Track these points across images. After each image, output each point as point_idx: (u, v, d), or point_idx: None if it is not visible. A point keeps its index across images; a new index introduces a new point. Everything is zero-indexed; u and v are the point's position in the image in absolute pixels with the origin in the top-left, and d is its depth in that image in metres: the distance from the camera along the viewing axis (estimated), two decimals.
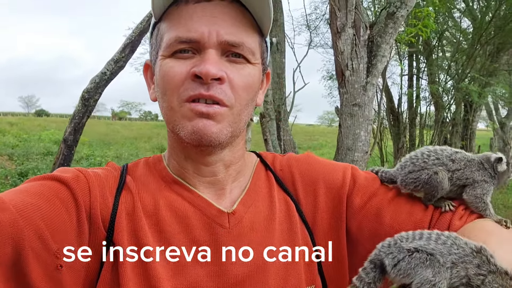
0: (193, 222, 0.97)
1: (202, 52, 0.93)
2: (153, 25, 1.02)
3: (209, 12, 0.93)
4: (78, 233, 0.88)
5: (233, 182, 1.05)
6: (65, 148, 3.80)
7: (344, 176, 1.10)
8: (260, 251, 0.98)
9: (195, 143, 0.94)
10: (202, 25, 0.92)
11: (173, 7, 0.95)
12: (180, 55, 0.94)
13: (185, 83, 0.92)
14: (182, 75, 0.92)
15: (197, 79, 0.91)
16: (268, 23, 0.99)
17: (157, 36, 1.00)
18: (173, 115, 0.95)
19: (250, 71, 0.98)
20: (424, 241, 0.80)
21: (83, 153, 16.31)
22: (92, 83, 4.14)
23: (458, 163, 1.01)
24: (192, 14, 0.93)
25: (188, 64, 0.93)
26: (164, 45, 0.95)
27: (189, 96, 0.92)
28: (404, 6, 4.58)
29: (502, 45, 10.84)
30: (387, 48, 4.82)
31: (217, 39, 0.92)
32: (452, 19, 12.73)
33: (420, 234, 0.82)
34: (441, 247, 0.78)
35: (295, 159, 1.15)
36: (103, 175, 0.99)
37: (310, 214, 1.07)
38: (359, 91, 4.67)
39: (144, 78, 1.11)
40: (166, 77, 0.94)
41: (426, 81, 12.74)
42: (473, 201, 0.99)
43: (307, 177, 1.11)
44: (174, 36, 0.93)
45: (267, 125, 5.47)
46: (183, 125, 0.94)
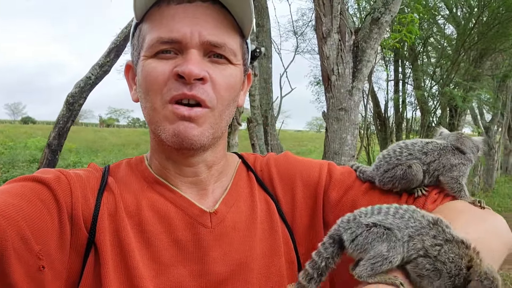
0: (176, 222, 0.97)
1: (184, 53, 0.93)
2: (135, 26, 1.02)
3: (191, 13, 0.93)
4: (60, 234, 0.87)
5: (215, 182, 1.06)
6: (49, 153, 3.75)
7: (321, 172, 1.11)
8: (242, 250, 0.99)
9: (176, 146, 0.95)
10: (184, 26, 0.92)
11: (155, 8, 0.96)
12: (163, 56, 0.94)
13: (168, 83, 0.92)
14: (165, 75, 0.92)
15: (180, 79, 0.91)
16: (249, 24, 1.00)
17: (138, 37, 1.00)
18: (155, 115, 0.95)
19: (232, 72, 0.99)
20: (382, 216, 0.80)
21: (70, 160, 16.14)
22: (76, 88, 4.10)
23: (431, 154, 1.03)
24: (174, 15, 0.93)
25: (171, 64, 0.93)
26: (146, 46, 0.95)
27: (172, 96, 0.92)
28: (388, 12, 4.64)
29: (485, 51, 11.03)
30: (372, 53, 4.88)
31: (200, 40, 0.92)
32: (436, 25, 12.94)
33: (379, 208, 0.83)
34: (399, 221, 0.79)
35: (273, 159, 1.16)
36: (85, 176, 0.98)
37: (289, 213, 1.08)
38: (345, 96, 4.71)
39: (126, 79, 1.11)
40: (149, 77, 0.94)
41: (411, 86, 12.90)
42: (449, 182, 1.00)
43: (285, 176, 1.12)
44: (156, 37, 0.93)
45: (254, 130, 5.48)
46: (164, 127, 0.94)
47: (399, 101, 12.26)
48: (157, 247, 0.94)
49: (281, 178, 1.11)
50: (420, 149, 1.03)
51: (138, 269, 0.90)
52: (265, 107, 6.47)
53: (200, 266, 0.95)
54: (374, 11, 4.68)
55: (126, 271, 0.90)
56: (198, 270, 0.94)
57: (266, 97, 6.64)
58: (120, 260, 0.91)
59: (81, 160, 16.81)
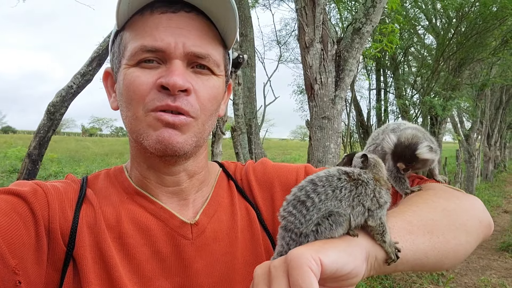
0: (156, 234, 0.96)
1: (167, 63, 0.93)
2: (115, 34, 1.01)
3: (175, 23, 0.93)
4: (36, 248, 0.85)
5: (196, 192, 1.06)
6: (30, 163, 3.67)
7: (298, 175, 1.12)
8: (224, 261, 0.98)
9: (159, 153, 0.94)
10: (168, 35, 0.92)
11: (137, 16, 0.95)
12: (145, 65, 0.93)
13: (151, 93, 0.91)
14: (148, 85, 0.92)
15: (164, 90, 0.91)
16: (232, 36, 1.01)
17: (120, 45, 0.98)
18: (137, 124, 0.94)
19: (214, 83, 0.99)
20: (315, 211, 0.76)
21: (51, 170, 15.84)
22: (58, 97, 4.02)
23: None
24: (158, 24, 0.92)
25: (154, 74, 0.92)
26: (129, 54, 0.94)
27: (155, 106, 0.91)
28: (369, 22, 4.73)
29: (463, 60, 11.25)
30: (354, 62, 4.95)
31: (184, 50, 0.92)
32: (416, 35, 13.19)
33: (302, 204, 0.77)
34: (330, 203, 0.76)
35: (252, 167, 1.16)
36: (62, 189, 0.96)
37: (270, 220, 1.08)
38: (328, 104, 4.76)
39: (104, 86, 1.09)
40: (132, 86, 0.93)
41: (393, 95, 13.08)
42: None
43: (263, 182, 1.12)
44: (139, 45, 0.92)
45: (238, 139, 5.48)
46: (147, 134, 0.93)
47: (381, 110, 12.42)
48: (138, 259, 0.93)
49: (260, 185, 1.12)
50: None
51: (122, 281, 0.88)
52: (249, 115, 6.49)
53: (183, 279, 0.94)
54: (355, 21, 4.76)
55: (110, 283, 0.88)
56: (181, 283, 0.94)
57: (250, 106, 6.67)
58: (103, 273, 0.89)
59: (63, 170, 16.51)
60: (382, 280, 6.97)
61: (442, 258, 0.87)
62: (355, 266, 0.72)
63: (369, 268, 0.78)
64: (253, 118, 6.54)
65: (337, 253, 0.71)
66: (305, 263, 0.65)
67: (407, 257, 0.81)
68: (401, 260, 0.80)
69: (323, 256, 0.68)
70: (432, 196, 0.96)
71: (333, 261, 0.69)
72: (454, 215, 0.92)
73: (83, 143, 32.87)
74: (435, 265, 0.87)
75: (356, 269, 0.73)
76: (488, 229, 1.01)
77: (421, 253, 0.83)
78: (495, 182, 21.93)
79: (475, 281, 7.19)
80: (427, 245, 0.84)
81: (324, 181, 0.78)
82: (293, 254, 0.67)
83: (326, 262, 0.67)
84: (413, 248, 0.82)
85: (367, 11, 4.72)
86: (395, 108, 12.95)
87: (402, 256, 0.80)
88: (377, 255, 0.78)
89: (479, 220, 0.97)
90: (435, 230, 0.87)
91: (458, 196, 1.01)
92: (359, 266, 0.73)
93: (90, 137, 62.65)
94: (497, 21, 10.11)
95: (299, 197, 0.78)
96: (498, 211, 13.23)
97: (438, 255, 0.86)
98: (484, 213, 1.01)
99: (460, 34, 10.87)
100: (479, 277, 7.40)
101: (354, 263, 0.72)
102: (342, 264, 0.70)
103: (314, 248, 0.70)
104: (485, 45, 11.13)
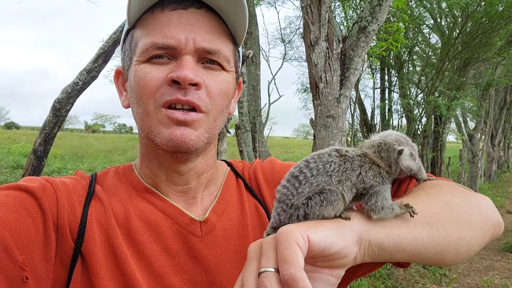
0: (165, 230, 0.96)
1: (178, 58, 0.93)
2: (126, 32, 1.02)
3: (186, 20, 0.93)
4: (44, 244, 0.85)
5: (204, 191, 1.06)
6: (35, 159, 3.67)
7: None
8: (236, 259, 0.98)
9: (171, 150, 0.94)
10: (179, 32, 0.92)
11: (148, 14, 0.96)
12: (156, 61, 0.94)
13: (162, 88, 0.92)
14: (158, 80, 0.92)
15: (174, 84, 0.91)
16: (242, 33, 1.01)
17: (131, 43, 0.99)
18: (149, 120, 0.94)
19: (225, 78, 0.99)
20: (307, 185, 0.79)
21: (54, 166, 15.89)
22: (63, 93, 4.03)
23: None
24: (169, 21, 0.93)
25: (165, 69, 0.93)
26: (140, 51, 0.95)
27: (165, 101, 0.92)
28: (375, 21, 4.71)
29: (468, 60, 11.22)
30: (359, 61, 4.92)
31: (194, 46, 0.93)
32: (421, 34, 13.15)
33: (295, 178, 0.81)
34: (321, 178, 0.79)
35: (260, 165, 1.17)
36: (71, 185, 0.96)
37: None
38: (332, 103, 4.74)
39: (115, 85, 1.09)
40: (142, 82, 0.93)
41: (397, 94, 13.05)
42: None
43: (271, 181, 1.12)
44: (151, 42, 0.93)
45: (242, 137, 5.48)
46: (159, 131, 0.93)
47: (385, 109, 12.39)
48: (148, 256, 0.93)
49: (268, 184, 1.12)
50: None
51: (135, 276, 0.89)
52: (253, 113, 6.48)
53: (193, 276, 0.94)
54: (361, 20, 4.74)
55: (122, 278, 0.88)
56: (191, 280, 0.94)
57: (255, 104, 6.66)
58: (116, 268, 0.89)
59: (66, 167, 16.56)
60: (385, 280, 6.96)
61: (443, 251, 0.86)
62: (344, 246, 0.74)
63: (362, 253, 0.79)
64: (258, 116, 6.54)
65: (325, 231, 0.73)
66: (293, 238, 0.68)
67: (403, 246, 0.81)
68: (396, 248, 0.81)
69: (311, 234, 0.70)
70: (437, 190, 0.95)
71: (320, 239, 0.71)
72: (458, 209, 0.91)
73: (86, 140, 32.96)
74: (434, 257, 0.86)
75: (345, 249, 0.74)
76: (498, 228, 1.00)
77: (418, 243, 0.83)
78: (499, 182, 21.87)
79: (477, 282, 7.18)
80: (425, 235, 0.83)
81: (316, 158, 0.82)
82: (282, 230, 0.70)
83: (313, 239, 0.70)
84: (410, 237, 0.82)
85: (373, 10, 4.70)
86: (399, 108, 12.92)
87: (398, 243, 0.81)
88: (370, 240, 0.79)
89: (486, 218, 0.95)
90: (435, 222, 0.86)
91: (464, 192, 0.99)
92: (348, 247, 0.75)
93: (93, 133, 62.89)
94: (503, 20, 10.08)
95: (293, 173, 0.82)
96: (502, 212, 13.20)
97: (438, 247, 0.85)
98: (492, 211, 0.99)
99: (465, 34, 10.83)
100: (482, 277, 7.38)
101: (343, 243, 0.74)
102: (330, 243, 0.72)
103: (304, 226, 0.72)
104: (490, 44, 11.10)
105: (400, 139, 1.00)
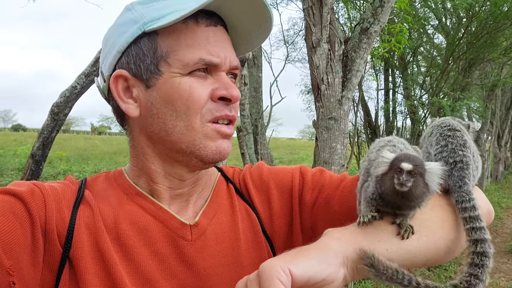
0: (155, 234, 0.96)
1: (214, 74, 0.96)
2: (140, 35, 0.94)
3: (219, 38, 0.97)
4: (32, 249, 0.85)
5: (197, 194, 1.06)
6: (33, 164, 3.68)
7: (293, 177, 1.13)
8: (227, 263, 0.98)
9: (214, 161, 0.98)
10: (219, 50, 0.96)
11: (179, 24, 0.92)
12: (198, 74, 0.95)
13: (207, 104, 0.95)
14: (206, 96, 0.95)
15: (220, 101, 0.96)
16: (248, 50, 1.11)
17: (155, 49, 0.93)
18: (193, 134, 0.95)
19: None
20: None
21: (60, 168, 15.98)
22: (61, 97, 4.02)
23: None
24: (208, 38, 0.95)
25: (208, 85, 0.95)
26: (182, 64, 0.92)
27: (214, 117, 0.95)
28: (377, 22, 4.69)
29: (473, 60, 11.16)
30: (362, 62, 4.90)
31: (230, 65, 0.97)
32: (426, 35, 13.08)
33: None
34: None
35: (248, 171, 1.18)
36: (60, 189, 0.96)
37: (268, 223, 1.09)
38: (334, 105, 4.73)
39: (113, 90, 0.98)
40: (190, 96, 0.93)
41: (402, 95, 12.98)
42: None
43: (260, 186, 1.13)
44: (198, 58, 0.93)
45: (244, 139, 5.47)
46: (205, 144, 0.96)
47: (389, 110, 12.33)
48: (137, 260, 0.93)
49: (257, 188, 1.13)
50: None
51: (123, 281, 0.88)
52: (255, 116, 6.48)
53: (184, 281, 0.94)
54: (363, 21, 4.71)
55: (111, 283, 0.88)
56: (181, 285, 0.94)
57: (256, 106, 6.66)
58: (104, 273, 0.89)
59: (71, 168, 16.65)
60: None
61: (434, 256, 0.90)
62: (329, 273, 0.74)
63: (351, 273, 0.80)
64: (259, 118, 6.53)
65: (308, 262, 0.73)
66: (275, 275, 0.68)
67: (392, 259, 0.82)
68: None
69: (293, 267, 0.70)
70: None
71: (303, 270, 0.71)
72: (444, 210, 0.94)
73: (92, 142, 33.10)
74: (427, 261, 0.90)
75: (331, 275, 0.75)
76: (487, 216, 1.02)
77: (408, 254, 0.85)
78: (505, 183, 21.72)
79: None
80: (415, 245, 0.86)
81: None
82: (264, 267, 0.70)
83: (296, 273, 0.70)
84: (399, 251, 0.84)
85: (375, 11, 4.67)
86: (403, 109, 12.85)
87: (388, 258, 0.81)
88: (358, 258, 0.80)
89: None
90: (423, 230, 0.88)
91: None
92: (334, 273, 0.75)
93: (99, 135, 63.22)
94: (508, 20, 10.02)
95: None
96: (508, 213, 13.09)
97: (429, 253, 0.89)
98: (480, 200, 1.01)
99: (470, 34, 10.77)
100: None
101: (328, 270, 0.74)
102: (314, 273, 0.72)
103: (285, 259, 0.72)
104: (496, 45, 11.04)
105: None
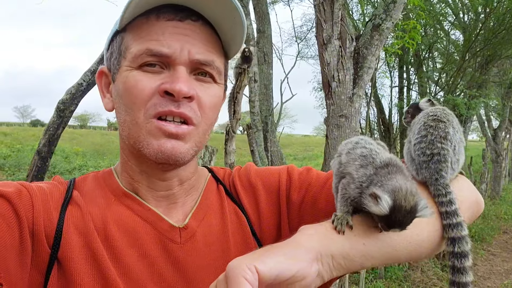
0: (143, 236, 0.95)
1: (171, 68, 0.92)
2: (114, 33, 0.99)
3: (181, 30, 0.92)
4: (20, 250, 0.84)
5: (186, 196, 1.05)
6: (39, 160, 3.73)
7: (280, 177, 1.11)
8: (216, 265, 0.97)
9: (159, 161, 0.93)
10: (174, 41, 0.91)
11: (142, 19, 0.94)
12: (148, 69, 0.92)
13: (153, 98, 0.90)
14: (150, 90, 0.90)
15: (167, 96, 0.90)
16: (236, 48, 1.01)
17: (120, 45, 0.97)
18: (137, 130, 0.92)
19: (216, 91, 0.99)
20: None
21: (76, 164, 16.23)
22: (68, 94, 4.05)
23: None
24: (164, 30, 0.92)
25: (157, 79, 0.91)
26: (132, 56, 0.93)
27: (157, 112, 0.90)
28: (389, 19, 4.61)
29: (491, 57, 10.93)
30: (373, 59, 4.83)
31: (189, 57, 0.92)
32: (442, 31, 12.84)
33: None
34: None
35: (237, 172, 1.16)
36: (48, 190, 0.95)
37: (257, 224, 1.07)
38: (345, 103, 4.68)
39: (98, 85, 1.06)
40: (134, 90, 0.91)
41: (416, 92, 12.79)
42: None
43: (248, 187, 1.12)
44: (145, 49, 0.91)
45: (254, 136, 5.46)
46: (148, 142, 0.92)
47: (402, 108, 12.17)
48: (125, 262, 0.92)
49: (245, 189, 1.11)
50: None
51: (117, 281, 0.88)
52: (265, 113, 6.46)
53: (172, 283, 0.93)
54: (375, 18, 4.64)
55: (104, 282, 0.87)
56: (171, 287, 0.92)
57: (266, 103, 6.64)
58: (97, 272, 0.88)
59: (87, 164, 16.90)
60: (401, 282, 6.86)
61: (417, 248, 0.87)
62: (299, 269, 0.72)
63: (327, 269, 0.78)
64: (269, 115, 6.51)
65: (275, 258, 0.71)
66: (240, 273, 0.66)
67: (371, 253, 0.82)
68: (365, 257, 0.81)
69: (259, 264, 0.69)
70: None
71: (271, 267, 0.69)
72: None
73: (108, 137, 33.46)
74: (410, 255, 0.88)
75: (301, 271, 0.73)
76: (476, 206, 1.01)
77: (388, 247, 0.84)
78: None
79: (498, 285, 7.01)
80: (395, 238, 0.84)
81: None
82: (229, 266, 0.69)
83: (262, 270, 0.68)
84: (378, 244, 0.83)
85: (387, 7, 4.60)
86: None
87: (366, 252, 0.81)
88: (333, 254, 0.78)
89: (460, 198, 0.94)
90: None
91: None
92: (304, 268, 0.73)
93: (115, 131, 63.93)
94: None
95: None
96: None
97: (411, 246, 0.86)
98: (468, 190, 1.00)
99: (487, 30, 10.53)
100: (502, 281, 7.20)
101: (297, 266, 0.72)
102: (282, 269, 0.70)
103: (252, 257, 0.71)
104: None
105: (411, 189, 0.96)
